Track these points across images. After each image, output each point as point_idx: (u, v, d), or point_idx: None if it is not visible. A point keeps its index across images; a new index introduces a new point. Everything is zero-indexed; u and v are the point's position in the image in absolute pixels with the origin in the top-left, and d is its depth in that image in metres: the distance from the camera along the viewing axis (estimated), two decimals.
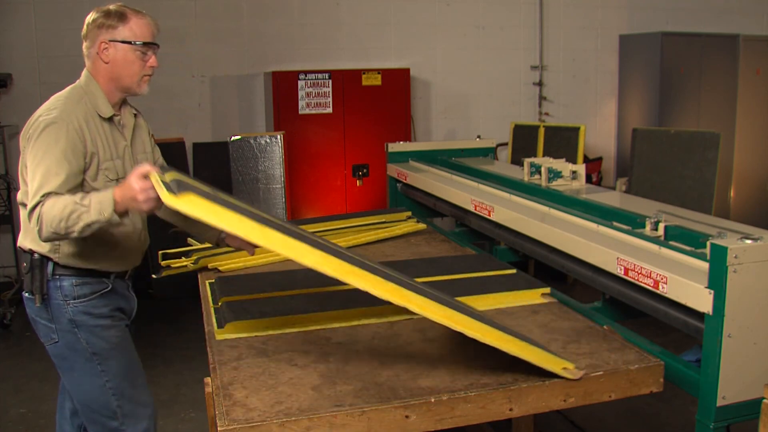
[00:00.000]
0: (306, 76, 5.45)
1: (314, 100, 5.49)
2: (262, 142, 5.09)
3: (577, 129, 5.25)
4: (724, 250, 1.66)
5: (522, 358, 1.65)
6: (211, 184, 1.92)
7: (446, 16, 6.26)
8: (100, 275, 2.11)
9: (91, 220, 1.80)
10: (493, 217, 2.76)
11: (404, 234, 3.12)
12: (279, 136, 5.12)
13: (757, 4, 7.12)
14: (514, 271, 2.48)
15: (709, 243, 1.73)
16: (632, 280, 1.95)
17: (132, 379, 2.14)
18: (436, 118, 6.39)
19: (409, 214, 3.37)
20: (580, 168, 3.02)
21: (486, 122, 6.46)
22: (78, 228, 1.81)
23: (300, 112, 5.45)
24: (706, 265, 1.74)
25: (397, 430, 1.55)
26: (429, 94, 6.33)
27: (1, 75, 5.11)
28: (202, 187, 1.76)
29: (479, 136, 5.86)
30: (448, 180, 3.35)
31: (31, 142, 1.94)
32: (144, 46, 2.04)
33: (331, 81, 5.51)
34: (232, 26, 5.69)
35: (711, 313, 1.70)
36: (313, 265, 1.52)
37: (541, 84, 6.57)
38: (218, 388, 1.63)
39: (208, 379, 1.71)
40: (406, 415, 1.55)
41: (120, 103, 2.13)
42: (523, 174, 3.13)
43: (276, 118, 5.42)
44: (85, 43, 2.06)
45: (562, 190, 2.86)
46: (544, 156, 5.02)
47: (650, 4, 6.78)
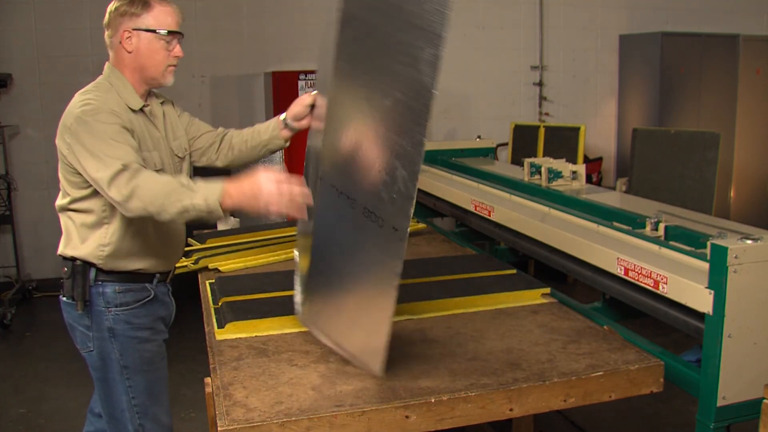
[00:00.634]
0: (306, 76, 5.45)
1: None
2: None
3: (577, 129, 5.25)
4: (725, 250, 1.66)
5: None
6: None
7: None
8: (143, 280, 2.06)
9: (193, 204, 1.70)
10: (493, 217, 2.76)
11: None
12: None
13: (757, 4, 7.12)
14: (514, 272, 2.48)
15: (709, 243, 1.73)
16: (632, 280, 1.95)
17: (156, 396, 2.08)
18: (436, 118, 6.38)
19: None
20: (580, 168, 3.03)
21: (486, 122, 6.46)
22: (175, 210, 1.71)
23: None
24: (706, 265, 1.74)
25: (397, 430, 1.55)
26: None
27: (1, 75, 5.11)
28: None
29: (479, 137, 5.84)
30: (448, 180, 3.35)
31: (76, 136, 1.86)
32: (168, 35, 1.97)
33: None
34: (232, 26, 5.69)
35: (711, 313, 1.70)
36: None
37: (541, 84, 6.57)
38: (218, 388, 1.63)
39: (209, 379, 1.71)
40: (406, 415, 1.55)
41: (146, 94, 2.06)
42: (523, 174, 3.13)
43: None
44: (107, 32, 1.98)
45: (562, 191, 2.86)
46: (544, 156, 5.02)
47: (650, 4, 6.78)
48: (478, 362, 1.76)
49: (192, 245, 2.80)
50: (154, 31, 1.94)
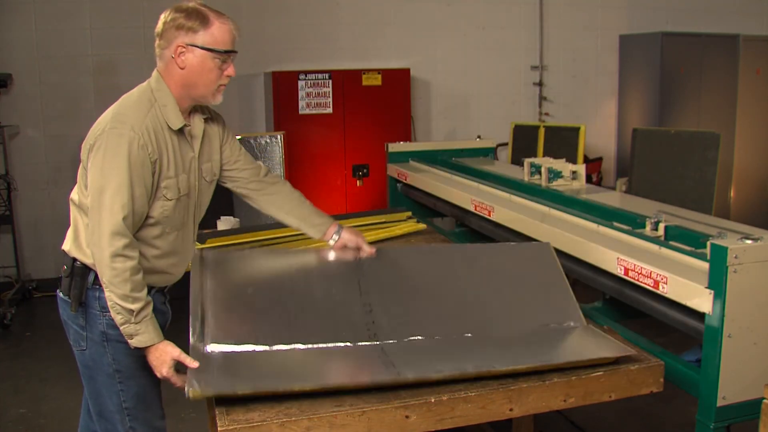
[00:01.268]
0: (306, 76, 5.45)
1: (314, 100, 5.49)
2: (262, 142, 5.09)
3: (577, 129, 5.25)
4: (724, 250, 1.66)
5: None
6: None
7: (446, 16, 6.26)
8: None
9: (126, 328, 1.83)
10: (493, 217, 2.76)
11: (404, 234, 3.12)
12: (279, 136, 5.13)
13: (757, 4, 7.12)
14: None
15: (709, 243, 1.73)
16: (632, 280, 1.95)
17: (149, 402, 2.06)
18: (436, 118, 6.39)
19: (409, 214, 3.37)
20: (580, 168, 3.02)
21: (486, 122, 6.46)
22: (118, 311, 1.82)
23: (300, 112, 5.45)
24: (706, 265, 1.74)
25: (397, 430, 1.55)
26: (429, 94, 6.33)
27: (1, 75, 5.11)
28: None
29: (479, 136, 5.87)
30: (448, 180, 3.35)
31: (95, 152, 1.80)
32: (224, 54, 1.87)
33: (331, 81, 5.51)
34: None
35: (711, 313, 1.70)
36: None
37: (541, 84, 6.57)
38: None
39: None
40: (406, 415, 1.55)
41: (189, 110, 1.97)
42: (523, 174, 3.13)
43: (276, 118, 5.42)
44: (158, 42, 1.88)
45: (562, 191, 2.86)
46: (544, 156, 5.02)
47: (650, 4, 6.78)
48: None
49: None
50: (210, 50, 1.85)
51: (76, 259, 1.95)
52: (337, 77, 5.53)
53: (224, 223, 3.43)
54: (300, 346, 1.82)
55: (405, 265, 2.21)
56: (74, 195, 1.95)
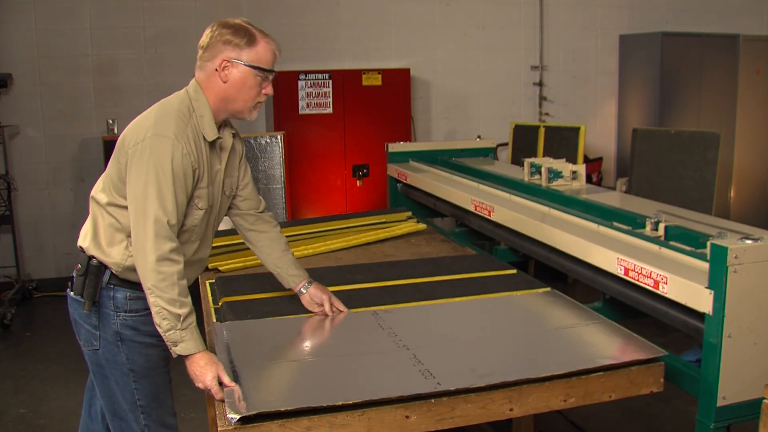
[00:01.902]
0: (306, 76, 5.45)
1: (314, 100, 5.50)
2: (263, 142, 5.09)
3: (577, 129, 5.25)
4: (724, 250, 1.66)
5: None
6: None
7: (446, 16, 6.26)
8: None
9: (171, 334, 1.79)
10: (493, 217, 2.76)
11: (404, 234, 3.12)
12: (279, 136, 5.13)
13: (757, 4, 7.12)
14: (515, 272, 2.49)
15: (709, 243, 1.73)
16: (632, 281, 1.95)
17: (162, 400, 2.07)
18: (436, 118, 6.39)
19: (410, 214, 3.38)
20: (580, 168, 3.03)
21: (486, 122, 6.46)
22: (165, 316, 1.78)
23: (300, 112, 5.45)
24: (706, 265, 1.74)
25: (397, 430, 1.55)
26: (429, 94, 6.33)
27: (1, 75, 5.11)
28: None
29: (479, 137, 5.86)
30: (449, 180, 3.35)
31: (137, 157, 1.80)
32: (266, 72, 1.92)
33: (331, 81, 5.51)
34: None
35: (711, 313, 1.70)
36: None
37: (541, 84, 6.57)
38: None
39: None
40: (406, 415, 1.55)
41: (221, 123, 1.99)
42: (523, 174, 3.13)
43: (276, 118, 5.42)
44: (202, 53, 1.91)
45: (563, 191, 2.87)
46: (544, 156, 5.02)
47: (650, 4, 6.78)
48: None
49: None
50: (255, 67, 1.89)
51: (92, 257, 1.94)
52: (337, 77, 5.53)
53: (224, 223, 3.43)
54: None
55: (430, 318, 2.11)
56: (99, 194, 1.93)
